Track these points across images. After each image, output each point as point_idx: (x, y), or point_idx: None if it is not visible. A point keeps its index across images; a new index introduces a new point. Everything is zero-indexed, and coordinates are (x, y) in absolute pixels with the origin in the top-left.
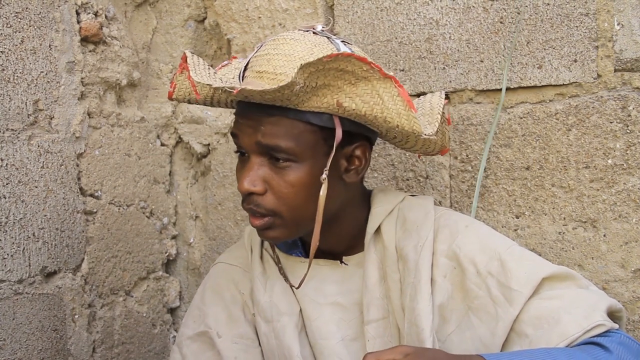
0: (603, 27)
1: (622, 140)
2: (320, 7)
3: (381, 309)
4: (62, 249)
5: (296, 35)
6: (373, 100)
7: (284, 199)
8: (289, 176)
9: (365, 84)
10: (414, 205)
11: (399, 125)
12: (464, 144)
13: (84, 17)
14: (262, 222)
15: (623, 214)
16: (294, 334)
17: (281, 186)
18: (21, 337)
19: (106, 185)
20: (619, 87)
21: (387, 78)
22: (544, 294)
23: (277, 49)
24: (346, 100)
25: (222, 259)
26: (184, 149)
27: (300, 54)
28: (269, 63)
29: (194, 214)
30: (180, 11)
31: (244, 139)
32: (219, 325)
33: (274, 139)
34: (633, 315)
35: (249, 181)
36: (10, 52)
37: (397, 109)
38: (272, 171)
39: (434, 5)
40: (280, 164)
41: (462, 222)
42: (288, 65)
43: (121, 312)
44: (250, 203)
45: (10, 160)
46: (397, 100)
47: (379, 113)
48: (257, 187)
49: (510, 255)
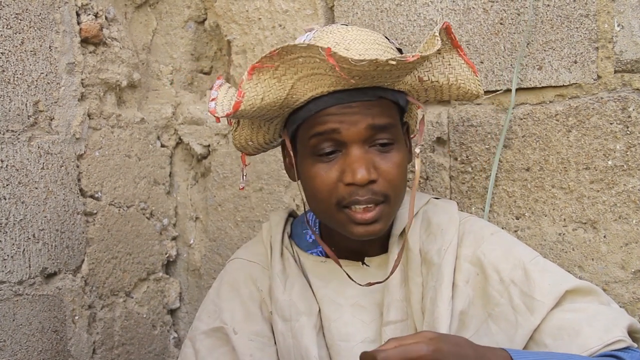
0: (603, 29)
1: (622, 142)
2: (321, 8)
3: (400, 311)
4: (62, 250)
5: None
6: (447, 71)
7: (393, 181)
8: (394, 157)
9: (435, 57)
10: (439, 208)
11: (469, 91)
12: (464, 145)
13: (84, 18)
14: (375, 212)
15: (623, 215)
16: (312, 335)
17: (390, 169)
18: (21, 338)
19: (106, 187)
20: (619, 89)
21: (454, 48)
22: (565, 307)
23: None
24: (425, 74)
25: (240, 255)
26: (184, 150)
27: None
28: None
29: (194, 215)
30: (180, 12)
31: (350, 129)
32: (235, 321)
33: (385, 119)
34: (633, 315)
35: (365, 170)
36: (10, 54)
37: (466, 75)
38: (378, 157)
39: (434, 7)
40: (384, 147)
41: (488, 229)
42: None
43: (121, 313)
44: (367, 194)
45: (11, 161)
46: (464, 68)
47: (454, 81)
48: (374, 175)
49: (535, 265)
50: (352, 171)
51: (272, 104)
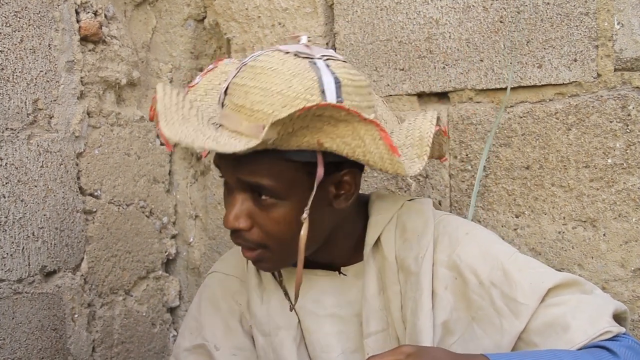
0: (603, 27)
1: (622, 140)
2: (320, 7)
3: (380, 321)
4: (62, 248)
5: (275, 63)
6: (355, 142)
7: (270, 234)
8: (273, 213)
9: (345, 125)
10: (413, 211)
11: (382, 169)
12: (464, 143)
13: (84, 16)
14: (253, 254)
15: (623, 214)
16: (292, 349)
17: (266, 222)
18: (21, 337)
19: (106, 185)
20: (618, 87)
21: (368, 122)
22: (549, 302)
23: (255, 80)
24: (327, 140)
25: (218, 268)
26: (184, 148)
27: (277, 88)
28: (246, 97)
29: (194, 213)
30: (179, 10)
31: (226, 174)
32: (216, 337)
33: (254, 177)
34: (633, 314)
35: (234, 217)
36: (9, 52)
37: (379, 153)
38: (257, 207)
39: (433, 5)
40: (263, 200)
41: (462, 228)
42: (265, 101)
43: (121, 312)
44: (239, 238)
45: (10, 159)
46: (379, 144)
47: (361, 156)
48: (242, 224)
49: (514, 264)
50: (225, 214)
51: None
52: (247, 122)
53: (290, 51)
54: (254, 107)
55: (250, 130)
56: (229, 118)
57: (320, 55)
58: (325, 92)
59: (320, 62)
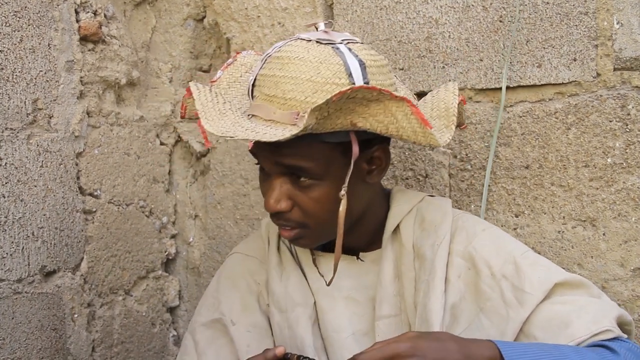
0: (602, 26)
1: (621, 139)
2: (320, 6)
3: (393, 306)
4: (62, 248)
5: (300, 51)
6: (387, 120)
7: (310, 213)
8: (313, 193)
9: (377, 104)
10: (433, 205)
11: (415, 141)
12: (464, 142)
13: (83, 16)
14: (292, 233)
15: (622, 213)
16: (307, 325)
17: (306, 202)
18: (20, 337)
19: (105, 185)
20: (618, 86)
21: (400, 99)
22: (555, 299)
23: (283, 70)
24: (360, 120)
25: (239, 250)
26: (184, 148)
27: (307, 75)
28: (277, 86)
29: (194, 213)
30: (179, 10)
31: (264, 160)
32: (233, 313)
33: (293, 160)
34: (633, 314)
35: (274, 201)
36: (9, 51)
37: (412, 127)
38: (296, 188)
39: (433, 4)
40: (302, 182)
41: (480, 225)
42: (296, 89)
43: (120, 312)
44: (280, 219)
45: (10, 159)
46: (411, 119)
47: (394, 132)
48: (283, 206)
49: (526, 259)
50: (266, 199)
51: None
52: (281, 110)
53: (312, 39)
54: (286, 96)
55: (284, 117)
56: (262, 108)
57: (341, 40)
58: (352, 74)
59: (342, 46)
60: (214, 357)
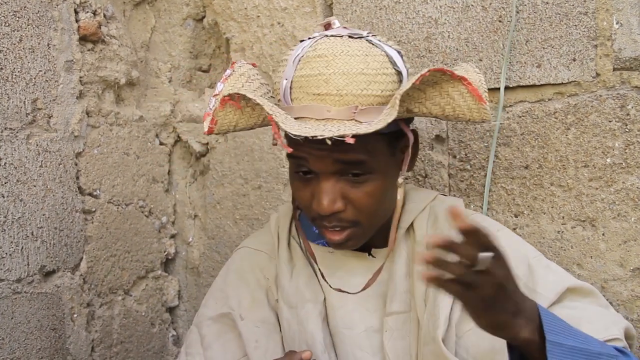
0: (602, 26)
1: (620, 139)
2: (319, 6)
3: (403, 303)
4: (61, 248)
5: (341, 47)
6: (444, 101)
7: (364, 209)
8: (367, 187)
9: (433, 88)
10: (446, 204)
11: (470, 119)
12: (463, 142)
13: (83, 15)
14: (342, 235)
15: (622, 213)
16: (318, 321)
17: (361, 199)
18: (20, 337)
19: (105, 184)
20: (617, 86)
21: (457, 79)
22: (566, 304)
23: (330, 67)
24: (416, 106)
25: (247, 244)
26: (183, 148)
27: (357, 69)
28: (327, 84)
29: (193, 213)
30: (179, 10)
31: (316, 161)
32: (241, 307)
33: (352, 156)
34: (632, 314)
35: (330, 201)
36: (8, 51)
37: (467, 105)
38: (349, 185)
39: (432, 4)
40: (356, 178)
41: (495, 226)
42: (350, 83)
43: (120, 311)
44: (332, 221)
45: (9, 159)
46: (467, 97)
47: (450, 112)
48: (339, 206)
49: (539, 262)
50: (318, 201)
51: (247, 127)
52: (336, 107)
53: (343, 34)
54: (342, 92)
55: (341, 114)
56: (311, 108)
57: (366, 33)
58: (396, 63)
59: (374, 39)
60: (220, 352)
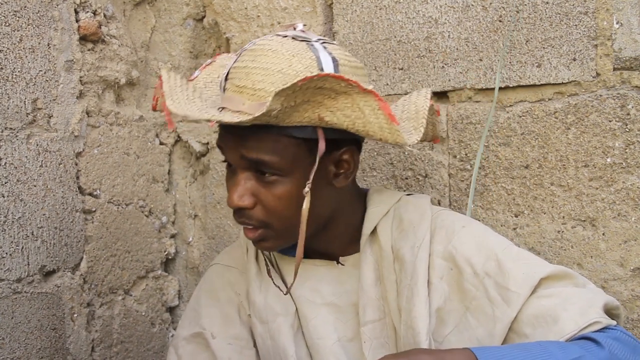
0: (602, 26)
1: (621, 139)
2: (319, 6)
3: (377, 310)
4: (61, 247)
5: (274, 45)
6: (355, 114)
7: (272, 211)
8: (277, 190)
9: (345, 98)
10: (411, 205)
11: (382, 138)
12: (463, 142)
13: (83, 15)
14: (255, 234)
15: (622, 213)
16: (289, 335)
17: (269, 199)
18: (20, 336)
19: (105, 184)
20: (618, 86)
21: (367, 92)
22: (540, 292)
23: (255, 62)
24: (327, 114)
25: (218, 260)
26: (183, 148)
27: (278, 67)
28: (247, 77)
29: (193, 212)
30: (179, 10)
31: (229, 153)
32: (213, 326)
33: (258, 154)
34: (632, 313)
35: (237, 196)
36: (8, 51)
37: (379, 123)
38: (260, 185)
39: (432, 4)
40: (266, 177)
41: (459, 222)
42: (267, 80)
43: (120, 311)
44: (242, 216)
45: (9, 159)
46: (378, 114)
47: (360, 127)
48: (246, 202)
49: (508, 255)
50: (229, 194)
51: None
52: (250, 101)
53: (288, 35)
54: (256, 86)
55: (253, 108)
56: (231, 100)
57: (317, 39)
58: (324, 69)
59: (317, 44)
60: None
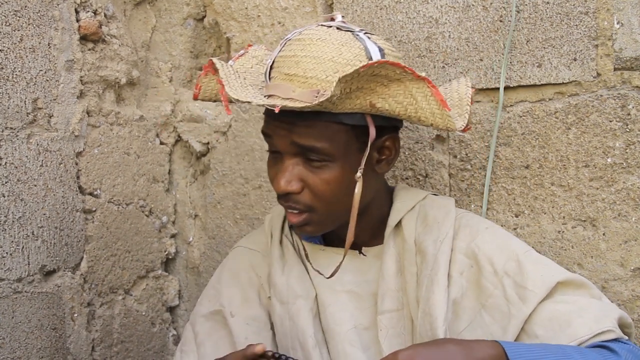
0: (603, 26)
1: (621, 139)
2: (320, 6)
3: (396, 300)
4: (61, 247)
5: (322, 34)
6: (407, 101)
7: (320, 195)
8: (325, 174)
9: (397, 85)
10: (436, 203)
11: (433, 124)
12: (464, 142)
13: (83, 15)
14: (300, 218)
15: (622, 213)
16: (309, 317)
17: (317, 184)
18: (20, 336)
19: (105, 184)
20: (618, 86)
21: (421, 79)
22: (557, 298)
23: (305, 50)
24: (379, 101)
25: (242, 243)
26: (183, 148)
27: (329, 55)
28: (297, 66)
29: (193, 212)
30: (179, 9)
31: (278, 140)
32: (232, 305)
33: (308, 140)
34: (632, 313)
35: (285, 181)
36: (9, 51)
37: (431, 109)
38: (308, 170)
39: (433, 4)
40: (315, 163)
41: (483, 223)
42: (318, 68)
43: (120, 311)
44: (288, 201)
45: (10, 158)
46: (430, 100)
47: (412, 113)
48: (294, 187)
49: (528, 258)
50: (276, 180)
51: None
52: (301, 88)
53: (332, 25)
54: (307, 74)
55: (304, 96)
56: (280, 87)
57: (359, 29)
58: (372, 58)
59: (361, 34)
60: (212, 349)
